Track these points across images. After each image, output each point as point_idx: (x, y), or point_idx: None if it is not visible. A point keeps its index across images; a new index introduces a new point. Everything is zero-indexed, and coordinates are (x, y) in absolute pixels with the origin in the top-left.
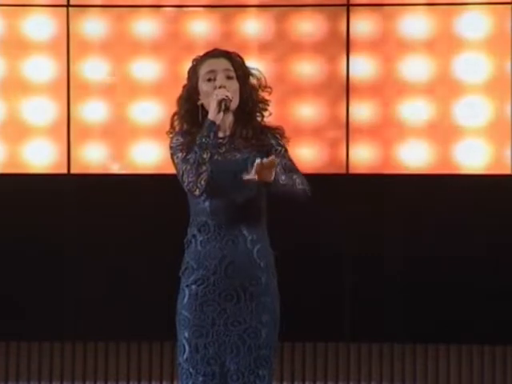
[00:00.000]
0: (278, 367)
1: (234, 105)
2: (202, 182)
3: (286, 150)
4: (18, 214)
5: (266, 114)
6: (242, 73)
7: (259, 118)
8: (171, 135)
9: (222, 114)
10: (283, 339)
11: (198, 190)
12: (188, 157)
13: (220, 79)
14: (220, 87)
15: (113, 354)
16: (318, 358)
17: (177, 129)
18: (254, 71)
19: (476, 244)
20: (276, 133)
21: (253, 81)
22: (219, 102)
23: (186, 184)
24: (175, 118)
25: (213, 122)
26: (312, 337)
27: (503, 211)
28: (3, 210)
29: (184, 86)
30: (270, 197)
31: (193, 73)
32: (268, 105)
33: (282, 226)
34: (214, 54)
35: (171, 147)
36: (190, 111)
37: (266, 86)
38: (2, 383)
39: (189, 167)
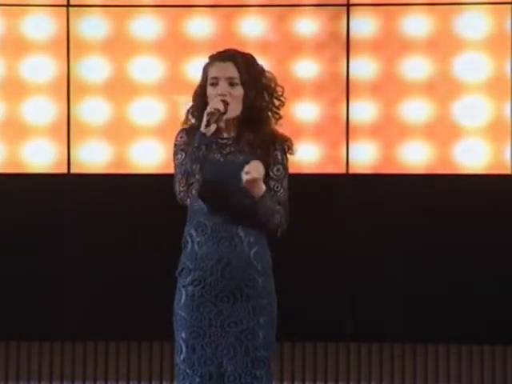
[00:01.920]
0: (278, 367)
1: (234, 112)
2: (193, 192)
3: (285, 174)
4: (18, 214)
5: (276, 117)
6: (247, 78)
7: (270, 121)
8: (179, 130)
9: (213, 126)
10: (283, 339)
11: (188, 200)
12: (183, 163)
13: (222, 86)
14: (220, 95)
15: (113, 354)
16: (318, 358)
17: (189, 122)
18: (266, 74)
19: (476, 244)
20: (285, 145)
21: (263, 82)
22: (207, 115)
23: (177, 193)
24: (189, 111)
25: (203, 134)
26: (312, 337)
27: (503, 211)
28: (3, 210)
29: (200, 82)
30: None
31: (203, 72)
32: (278, 109)
33: None
34: (223, 56)
35: (175, 145)
36: (200, 108)
37: (276, 86)
38: (2, 383)
39: (180, 177)
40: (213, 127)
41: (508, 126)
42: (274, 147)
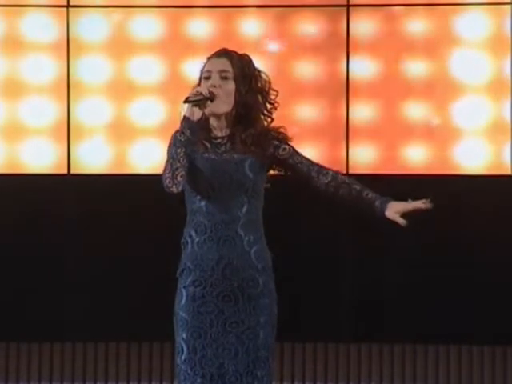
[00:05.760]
0: (278, 367)
1: (225, 106)
2: (179, 179)
3: (294, 149)
4: (17, 215)
5: (268, 120)
6: (241, 74)
7: (262, 123)
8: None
9: (196, 110)
10: (283, 340)
11: (174, 187)
12: (168, 149)
13: (214, 79)
14: (210, 86)
15: (113, 354)
16: (318, 359)
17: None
18: (262, 75)
19: (476, 244)
20: (279, 134)
21: (258, 84)
22: (189, 94)
23: (163, 180)
24: None
25: (187, 118)
26: (312, 337)
27: (503, 211)
28: (3, 210)
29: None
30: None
31: (200, 71)
32: (271, 112)
33: (281, 226)
34: (218, 53)
35: (169, 144)
36: None
37: (270, 88)
38: None
39: (166, 164)
40: (197, 113)
41: (508, 126)
42: (267, 140)
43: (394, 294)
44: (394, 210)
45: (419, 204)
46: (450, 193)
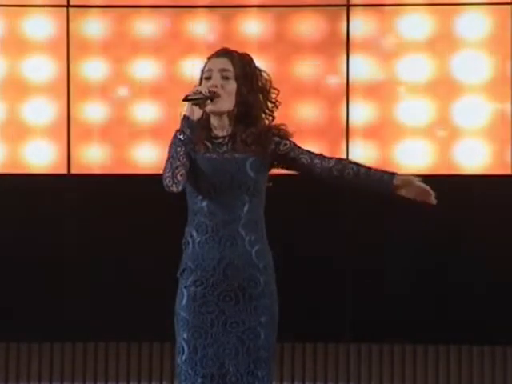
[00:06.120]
0: (278, 367)
1: (226, 105)
2: (179, 177)
3: (294, 143)
4: (18, 215)
5: (270, 118)
6: (241, 73)
7: (263, 122)
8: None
9: (196, 109)
10: (283, 340)
11: (174, 186)
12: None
13: (214, 78)
14: (211, 86)
15: (113, 354)
16: (318, 359)
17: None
18: (263, 74)
19: (476, 244)
20: (280, 131)
21: (259, 83)
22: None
23: (163, 180)
24: None
25: (187, 117)
26: (312, 337)
27: (503, 211)
28: (3, 210)
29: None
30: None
31: (201, 71)
32: (272, 110)
33: (282, 226)
34: (219, 53)
35: (169, 145)
36: None
37: (271, 87)
38: None
39: (166, 163)
40: (197, 112)
41: (508, 126)
42: (268, 137)
43: (395, 294)
44: (405, 177)
45: (428, 193)
46: (450, 193)
